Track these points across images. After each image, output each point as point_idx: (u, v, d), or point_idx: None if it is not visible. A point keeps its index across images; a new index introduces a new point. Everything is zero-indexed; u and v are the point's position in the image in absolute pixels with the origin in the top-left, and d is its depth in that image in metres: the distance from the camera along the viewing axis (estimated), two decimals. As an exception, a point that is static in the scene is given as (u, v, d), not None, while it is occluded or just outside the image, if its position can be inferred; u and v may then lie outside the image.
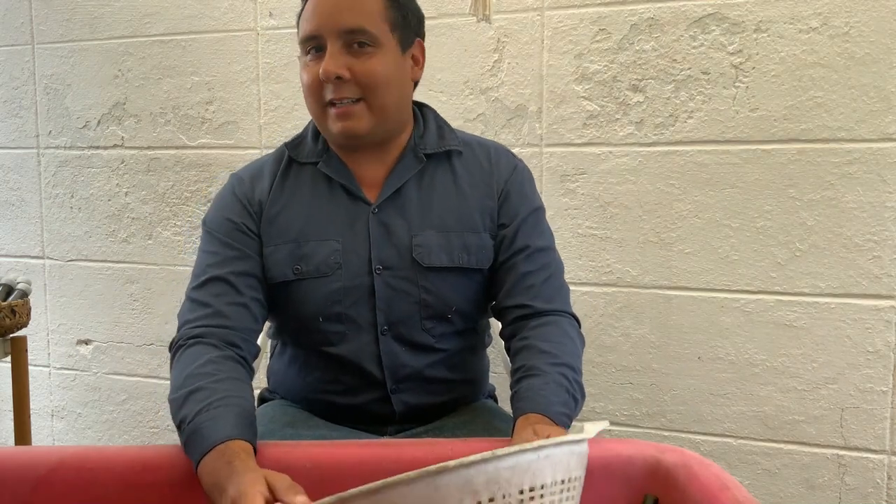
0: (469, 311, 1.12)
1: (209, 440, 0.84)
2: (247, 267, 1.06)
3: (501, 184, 1.11)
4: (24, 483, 0.88)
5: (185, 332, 1.00)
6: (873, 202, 1.53)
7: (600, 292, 1.71)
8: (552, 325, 1.04)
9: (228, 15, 1.94)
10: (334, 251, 1.07)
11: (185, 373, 0.94)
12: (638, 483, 0.87)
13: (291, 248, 1.07)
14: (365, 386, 1.10)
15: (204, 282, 1.04)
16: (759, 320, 1.62)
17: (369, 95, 1.03)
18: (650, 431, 1.71)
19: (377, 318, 1.07)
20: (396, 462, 0.87)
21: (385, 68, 1.04)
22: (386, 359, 1.09)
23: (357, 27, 1.02)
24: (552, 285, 1.09)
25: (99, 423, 2.18)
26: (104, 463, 0.88)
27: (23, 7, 2.12)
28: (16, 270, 2.19)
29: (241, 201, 1.10)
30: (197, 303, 1.03)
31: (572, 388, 0.96)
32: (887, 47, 1.50)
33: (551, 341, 1.01)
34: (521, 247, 1.09)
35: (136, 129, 2.05)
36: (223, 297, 1.03)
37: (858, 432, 1.58)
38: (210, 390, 0.90)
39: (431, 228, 1.08)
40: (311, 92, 1.06)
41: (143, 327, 2.10)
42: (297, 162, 1.13)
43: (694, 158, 1.63)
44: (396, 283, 1.07)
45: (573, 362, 1.00)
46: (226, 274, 1.04)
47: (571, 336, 1.04)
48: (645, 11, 1.63)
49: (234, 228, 1.08)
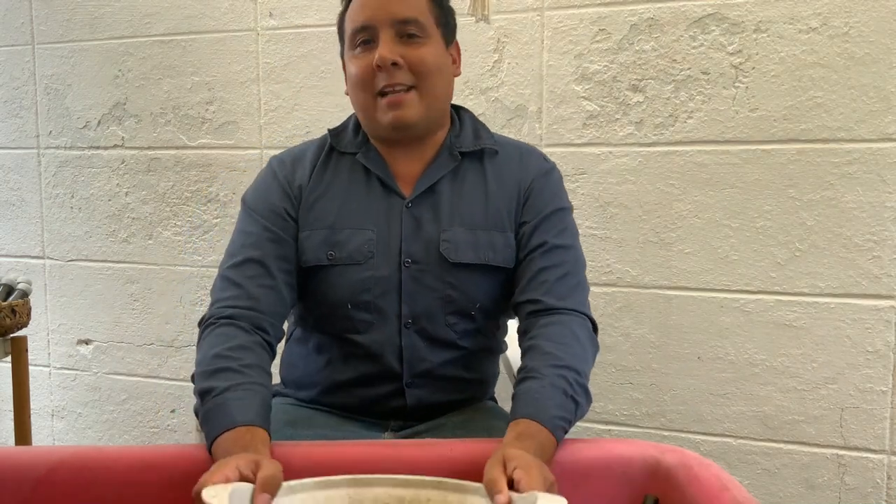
0: (492, 308, 1.13)
1: (235, 418, 0.87)
2: (282, 251, 1.08)
3: (527, 183, 1.12)
4: (24, 483, 0.88)
5: (216, 311, 1.02)
6: (873, 202, 1.53)
7: (600, 292, 1.71)
8: (560, 324, 1.03)
9: (228, 15, 1.94)
10: (368, 240, 1.09)
11: (214, 350, 0.97)
12: (638, 483, 0.87)
13: (326, 234, 1.09)
14: (382, 377, 1.11)
15: (240, 262, 1.06)
16: (758, 320, 1.62)
17: (421, 83, 1.06)
18: (650, 431, 1.71)
19: (402, 311, 1.09)
20: (396, 462, 0.87)
21: (435, 58, 1.08)
22: (406, 352, 1.10)
23: (409, 17, 1.05)
24: (567, 283, 1.08)
25: (99, 423, 2.18)
26: (104, 463, 0.88)
27: (23, 7, 2.12)
28: (16, 270, 2.19)
29: (281, 185, 1.12)
30: (230, 282, 1.05)
31: (572, 391, 0.94)
32: (887, 47, 1.50)
33: (556, 342, 1.00)
34: (538, 243, 1.09)
35: (137, 129, 2.05)
36: (256, 280, 1.05)
37: (858, 432, 1.58)
38: (240, 373, 0.93)
39: (461, 225, 1.09)
40: (362, 82, 1.07)
41: (143, 327, 2.10)
42: (338, 151, 1.15)
43: (694, 158, 1.63)
44: (422, 278, 1.08)
45: (576, 364, 0.98)
46: (261, 256, 1.06)
47: (579, 336, 1.02)
48: (645, 11, 1.63)
49: (272, 211, 1.10)
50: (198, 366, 0.97)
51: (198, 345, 1.02)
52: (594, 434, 1.74)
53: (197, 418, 0.94)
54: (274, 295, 1.05)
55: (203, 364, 0.96)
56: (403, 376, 1.11)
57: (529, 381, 0.95)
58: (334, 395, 1.15)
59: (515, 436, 0.87)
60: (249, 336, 1.00)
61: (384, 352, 1.10)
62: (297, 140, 1.83)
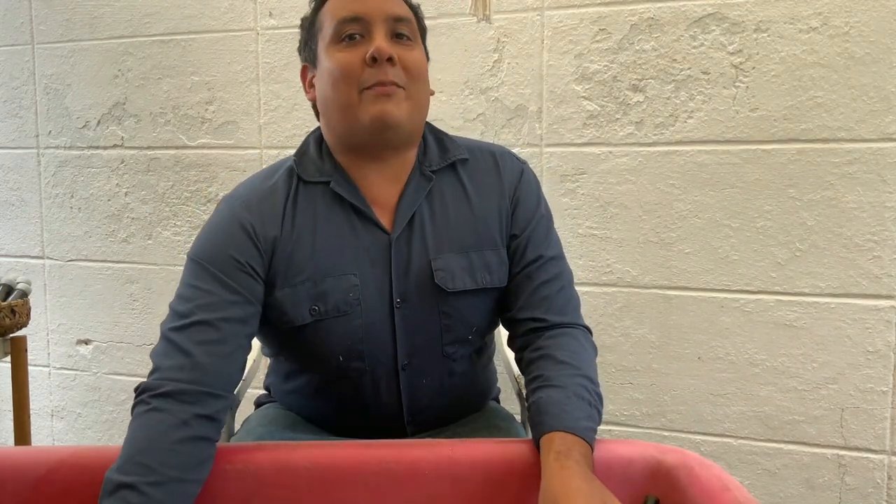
0: (487, 328, 1.10)
1: None
2: (243, 314, 0.95)
3: (511, 190, 1.06)
4: (24, 483, 0.88)
5: (155, 384, 0.89)
6: (873, 202, 1.53)
7: (600, 292, 1.71)
8: (567, 335, 1.00)
9: (228, 15, 1.94)
10: (353, 286, 0.99)
11: (136, 446, 0.84)
12: (638, 484, 0.87)
13: (308, 287, 0.98)
14: (380, 418, 1.07)
15: (188, 324, 0.92)
16: (759, 320, 1.62)
17: (411, 85, 0.99)
18: (650, 431, 1.71)
19: (397, 353, 1.03)
20: (397, 462, 0.87)
21: (422, 64, 1.02)
22: (405, 393, 1.05)
23: (405, 15, 1.01)
24: (564, 296, 1.04)
25: (99, 423, 2.18)
26: (104, 463, 0.87)
27: (23, 7, 2.12)
28: (16, 270, 2.18)
29: (250, 236, 0.98)
30: (176, 347, 0.91)
31: (594, 401, 0.92)
32: (887, 47, 1.50)
33: (569, 351, 0.97)
34: (533, 257, 1.04)
35: (136, 129, 2.05)
36: (206, 347, 0.91)
37: (858, 432, 1.58)
38: (142, 494, 0.80)
39: (451, 250, 1.02)
40: (348, 76, 0.97)
41: (143, 327, 2.10)
42: (304, 181, 1.02)
43: (694, 158, 1.63)
44: (416, 316, 1.02)
45: (592, 374, 0.95)
46: (216, 320, 0.92)
47: (586, 347, 1.00)
48: (645, 11, 1.63)
49: (236, 268, 0.96)
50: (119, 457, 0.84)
51: (130, 421, 0.88)
52: (594, 434, 1.74)
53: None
54: (225, 364, 0.92)
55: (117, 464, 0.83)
56: (404, 415, 1.07)
57: (551, 391, 0.91)
58: (330, 429, 1.12)
59: (555, 456, 0.81)
60: (184, 430, 0.85)
61: (381, 395, 1.05)
62: (298, 140, 1.83)
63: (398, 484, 0.82)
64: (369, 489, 0.87)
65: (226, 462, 0.88)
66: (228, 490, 0.87)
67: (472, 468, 0.87)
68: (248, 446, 0.92)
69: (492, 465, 0.88)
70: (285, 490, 0.88)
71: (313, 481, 0.87)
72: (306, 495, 0.87)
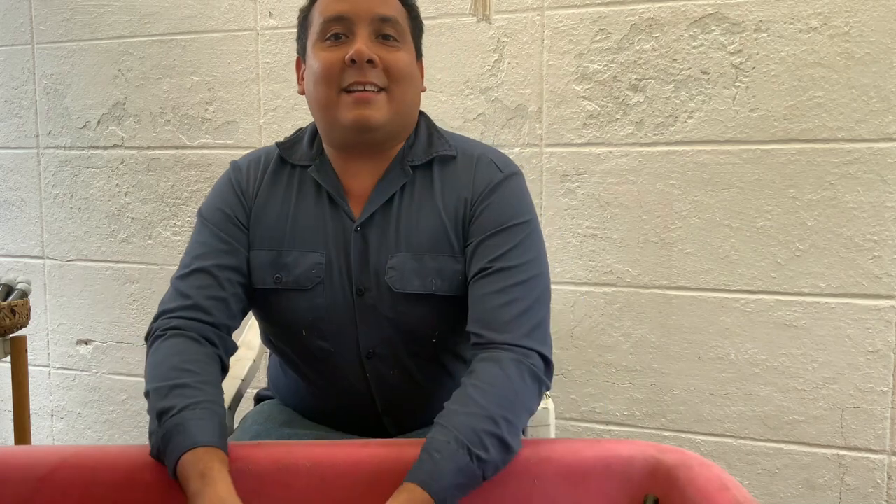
0: (454, 335, 1.05)
1: (196, 439, 0.85)
2: (233, 261, 1.03)
3: (477, 199, 1.01)
4: (24, 483, 0.88)
5: (163, 323, 0.99)
6: (873, 202, 1.53)
7: (600, 292, 1.71)
8: (493, 362, 0.91)
9: (228, 15, 1.94)
10: (316, 264, 1.02)
11: (168, 364, 0.94)
12: (638, 483, 0.87)
13: (273, 255, 1.04)
14: (355, 406, 1.07)
15: (189, 272, 1.02)
16: (759, 320, 1.62)
17: (393, 86, 1.00)
18: (650, 431, 1.71)
19: (360, 342, 1.03)
20: (396, 462, 0.87)
21: (408, 64, 1.02)
22: (374, 383, 1.05)
23: (391, 16, 1.00)
24: (510, 311, 0.94)
25: (99, 423, 2.18)
26: (104, 463, 0.88)
27: (23, 7, 2.12)
28: (16, 270, 2.18)
29: (235, 191, 1.07)
30: (178, 293, 1.02)
31: (480, 446, 0.84)
32: (887, 47, 1.50)
33: (484, 381, 0.89)
34: (479, 268, 0.98)
35: (136, 129, 2.05)
36: (204, 291, 1.01)
37: (858, 432, 1.58)
38: (196, 389, 0.90)
39: (407, 251, 1.00)
40: (327, 76, 0.99)
41: (142, 327, 2.10)
42: (289, 163, 1.08)
43: (694, 158, 1.63)
44: (376, 307, 1.01)
45: (500, 411, 0.86)
46: (210, 266, 1.02)
47: (512, 377, 0.90)
48: (645, 11, 1.63)
49: (225, 220, 1.06)
50: (151, 381, 0.93)
51: (147, 358, 0.98)
52: (594, 434, 1.74)
53: (150, 440, 0.90)
54: (222, 306, 1.01)
55: (157, 379, 0.92)
56: (377, 406, 1.06)
57: (437, 430, 0.86)
58: (319, 416, 1.12)
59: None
60: (202, 347, 0.97)
61: (350, 382, 1.05)
62: (297, 140, 1.83)
63: (398, 484, 0.82)
64: (369, 489, 0.86)
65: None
66: (228, 490, 0.87)
67: (472, 468, 0.87)
68: (247, 445, 0.92)
69: (492, 465, 0.87)
70: (285, 489, 0.88)
71: (313, 481, 0.87)
72: (306, 495, 0.87)
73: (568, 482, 0.87)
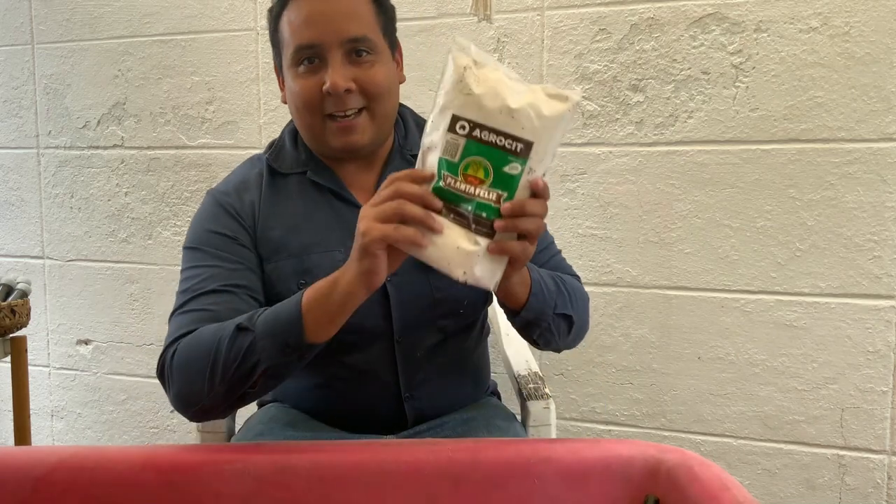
0: (479, 300, 1.11)
1: (292, 301, 0.86)
2: (247, 281, 0.98)
3: None
4: (23, 483, 0.88)
5: (175, 338, 0.93)
6: (873, 202, 1.53)
7: (600, 292, 1.71)
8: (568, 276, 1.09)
9: (228, 15, 1.94)
10: (340, 261, 1.00)
11: (209, 335, 0.89)
12: (638, 483, 0.87)
13: (294, 262, 1.02)
14: (379, 394, 1.08)
15: (196, 296, 0.95)
16: (759, 320, 1.62)
17: (372, 104, 1.01)
18: (650, 431, 1.71)
19: (393, 326, 1.04)
20: (396, 462, 0.87)
21: (386, 76, 1.02)
22: (402, 366, 1.06)
23: (360, 35, 0.99)
24: (556, 262, 1.11)
25: (99, 423, 2.18)
26: (104, 463, 0.88)
27: (23, 7, 2.12)
28: (16, 270, 2.18)
29: (231, 214, 1.03)
30: (187, 314, 0.94)
31: (560, 282, 1.01)
32: (887, 47, 1.50)
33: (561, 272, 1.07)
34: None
35: (136, 129, 2.05)
36: (219, 305, 0.94)
37: (858, 432, 1.58)
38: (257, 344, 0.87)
39: None
40: (309, 105, 1.00)
41: (142, 327, 2.10)
42: (280, 173, 1.07)
43: (694, 158, 1.63)
44: (408, 287, 1.04)
45: (570, 285, 1.04)
46: (222, 287, 0.96)
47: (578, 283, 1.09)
48: (645, 11, 1.63)
49: (228, 241, 1.01)
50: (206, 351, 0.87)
51: (176, 371, 0.90)
52: (594, 434, 1.74)
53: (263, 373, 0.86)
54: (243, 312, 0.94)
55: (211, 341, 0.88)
56: (401, 391, 1.07)
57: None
58: (332, 414, 1.12)
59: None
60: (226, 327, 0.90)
61: (377, 369, 1.06)
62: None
63: (398, 484, 0.82)
64: (369, 489, 0.86)
65: (226, 462, 0.88)
66: (228, 490, 0.87)
67: (472, 468, 0.87)
68: (248, 446, 0.92)
69: (492, 465, 0.88)
70: (285, 490, 0.88)
71: (313, 481, 0.87)
72: (306, 495, 0.87)
73: (568, 482, 0.87)
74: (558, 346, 1.07)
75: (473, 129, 0.78)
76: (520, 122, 0.77)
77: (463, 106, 0.78)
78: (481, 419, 1.13)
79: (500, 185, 0.78)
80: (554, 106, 0.78)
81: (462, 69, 0.78)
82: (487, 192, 0.78)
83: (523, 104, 0.78)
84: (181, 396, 0.92)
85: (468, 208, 0.79)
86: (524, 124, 0.77)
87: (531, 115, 0.77)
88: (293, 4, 1.01)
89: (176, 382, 0.92)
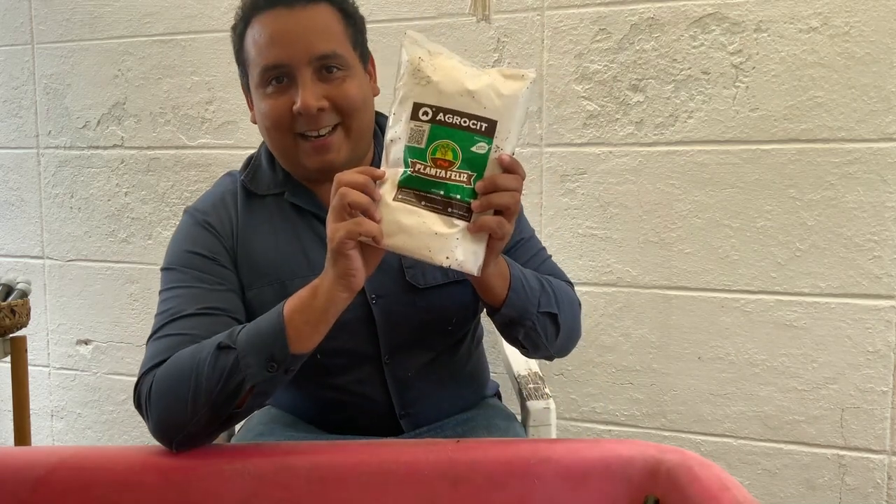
0: (467, 317, 1.09)
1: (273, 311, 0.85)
2: (227, 303, 0.95)
3: None
4: (23, 483, 0.88)
5: (151, 366, 0.90)
6: (873, 202, 1.53)
7: (600, 292, 1.71)
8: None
9: (228, 15, 1.93)
10: None
11: (185, 355, 0.86)
12: (638, 483, 0.87)
13: (276, 290, 0.98)
14: (372, 413, 1.07)
15: (173, 320, 0.92)
16: (759, 320, 1.62)
17: (348, 120, 0.97)
18: (650, 431, 1.71)
19: (380, 348, 1.02)
20: (396, 462, 0.87)
21: (358, 90, 0.99)
22: (393, 387, 1.05)
23: (329, 52, 0.95)
24: (548, 267, 1.08)
25: (99, 423, 2.18)
26: (104, 463, 0.88)
27: (22, 7, 2.12)
28: (16, 270, 2.18)
29: (211, 232, 1.00)
30: (165, 338, 0.91)
31: (546, 282, 0.98)
32: (887, 47, 1.50)
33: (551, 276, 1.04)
34: (512, 242, 1.04)
35: (136, 129, 2.05)
36: (199, 329, 0.90)
37: (859, 432, 1.58)
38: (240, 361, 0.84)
39: None
40: (279, 126, 0.97)
41: (142, 327, 2.10)
42: (257, 195, 1.04)
43: (694, 158, 1.63)
44: (394, 309, 1.01)
45: (557, 287, 1.02)
46: (202, 309, 0.92)
47: (568, 287, 1.07)
48: (645, 11, 1.63)
49: (208, 262, 0.97)
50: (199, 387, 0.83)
51: (155, 400, 0.87)
52: (594, 434, 1.74)
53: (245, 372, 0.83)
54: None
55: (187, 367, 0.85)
56: (395, 410, 1.06)
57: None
58: (326, 427, 1.11)
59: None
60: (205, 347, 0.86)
61: (368, 391, 1.04)
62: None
63: (398, 484, 0.82)
64: (369, 489, 0.87)
65: (226, 462, 0.88)
66: (228, 490, 0.87)
67: (472, 468, 0.87)
68: (247, 446, 0.92)
69: (492, 465, 0.88)
70: (285, 490, 0.87)
71: (313, 481, 0.87)
72: (306, 495, 0.87)
73: (568, 482, 0.87)
74: (548, 349, 1.03)
75: (437, 113, 0.80)
76: (481, 102, 0.80)
77: (422, 94, 0.80)
78: (481, 419, 1.13)
79: (470, 166, 0.80)
80: (512, 85, 0.81)
81: (417, 59, 0.81)
82: (458, 173, 0.80)
83: (482, 85, 0.80)
84: (162, 426, 0.88)
85: (440, 192, 0.80)
86: (485, 104, 0.80)
87: (491, 94, 0.80)
88: (257, 22, 0.98)
89: (156, 411, 0.88)
